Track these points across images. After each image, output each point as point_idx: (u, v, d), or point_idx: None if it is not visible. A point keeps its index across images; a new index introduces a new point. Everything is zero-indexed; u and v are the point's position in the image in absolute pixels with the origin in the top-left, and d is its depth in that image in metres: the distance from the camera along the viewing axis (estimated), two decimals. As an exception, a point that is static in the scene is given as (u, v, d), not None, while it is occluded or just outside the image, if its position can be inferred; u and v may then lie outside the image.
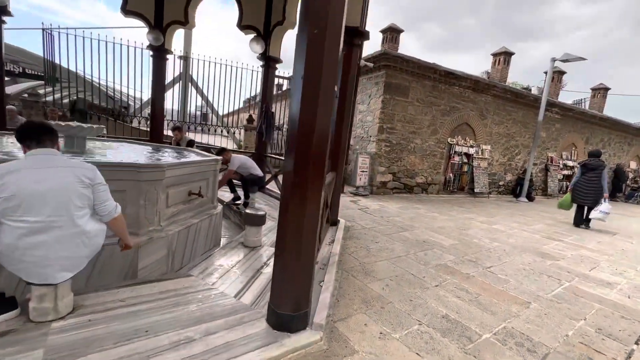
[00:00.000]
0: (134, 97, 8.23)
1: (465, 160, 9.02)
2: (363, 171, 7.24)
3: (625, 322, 2.50)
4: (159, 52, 6.09)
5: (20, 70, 11.36)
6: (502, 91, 9.19)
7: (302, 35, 1.63)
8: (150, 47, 6.03)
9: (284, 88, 12.84)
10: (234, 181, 5.20)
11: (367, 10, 4.01)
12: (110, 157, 2.95)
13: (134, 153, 3.49)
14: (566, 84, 15.23)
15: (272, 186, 5.86)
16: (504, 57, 12.65)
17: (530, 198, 9.65)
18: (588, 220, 6.26)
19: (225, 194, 5.37)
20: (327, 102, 1.69)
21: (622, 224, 7.30)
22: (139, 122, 7.63)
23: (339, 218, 4.50)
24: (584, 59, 8.19)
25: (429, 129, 8.03)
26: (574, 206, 6.44)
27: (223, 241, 3.42)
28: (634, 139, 14.41)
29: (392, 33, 11.00)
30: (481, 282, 3.02)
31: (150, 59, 6.17)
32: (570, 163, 12.27)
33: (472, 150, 8.99)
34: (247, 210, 3.24)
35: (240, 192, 5.32)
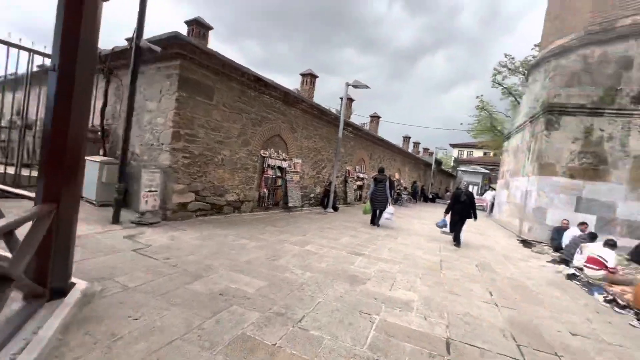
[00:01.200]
0: None
1: (279, 174, 8.69)
2: (151, 191, 5.33)
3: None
4: None
5: None
6: (309, 107, 9.56)
7: None
8: None
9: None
10: None
11: None
12: None
13: None
14: (354, 110, 18.55)
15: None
16: (310, 78, 13.75)
17: (335, 208, 10.48)
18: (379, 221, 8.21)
19: None
20: None
21: (396, 224, 8.91)
22: None
23: (73, 280, 2.61)
24: (368, 87, 9.69)
25: (239, 139, 7.05)
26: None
27: None
28: (397, 156, 19.27)
29: (198, 27, 9.43)
30: (289, 356, 2.10)
31: None
32: (362, 175, 14.64)
33: (285, 164, 8.75)
34: None
35: None
